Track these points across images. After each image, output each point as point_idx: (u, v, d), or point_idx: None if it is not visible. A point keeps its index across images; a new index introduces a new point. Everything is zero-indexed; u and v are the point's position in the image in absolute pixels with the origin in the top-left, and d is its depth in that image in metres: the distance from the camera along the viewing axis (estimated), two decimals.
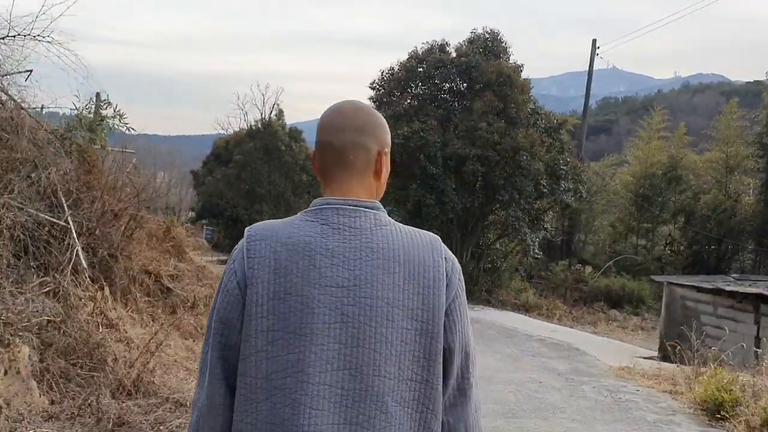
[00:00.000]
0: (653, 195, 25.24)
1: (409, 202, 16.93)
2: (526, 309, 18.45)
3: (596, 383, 7.95)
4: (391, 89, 18.05)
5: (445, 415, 1.27)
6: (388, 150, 1.36)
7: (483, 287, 18.92)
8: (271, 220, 1.32)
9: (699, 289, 11.50)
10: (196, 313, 10.27)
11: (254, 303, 1.21)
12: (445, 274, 1.25)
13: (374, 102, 18.01)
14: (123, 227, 8.50)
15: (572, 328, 16.39)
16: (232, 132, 36.78)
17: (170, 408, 4.94)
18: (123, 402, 4.77)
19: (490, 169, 16.49)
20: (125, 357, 5.40)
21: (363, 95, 23.21)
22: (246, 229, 1.30)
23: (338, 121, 1.33)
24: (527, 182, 16.80)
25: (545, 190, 17.37)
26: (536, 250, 18.84)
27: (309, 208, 1.30)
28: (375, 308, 1.20)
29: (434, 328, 1.22)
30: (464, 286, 1.32)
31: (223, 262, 27.41)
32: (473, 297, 18.56)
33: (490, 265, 19.82)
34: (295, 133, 31.35)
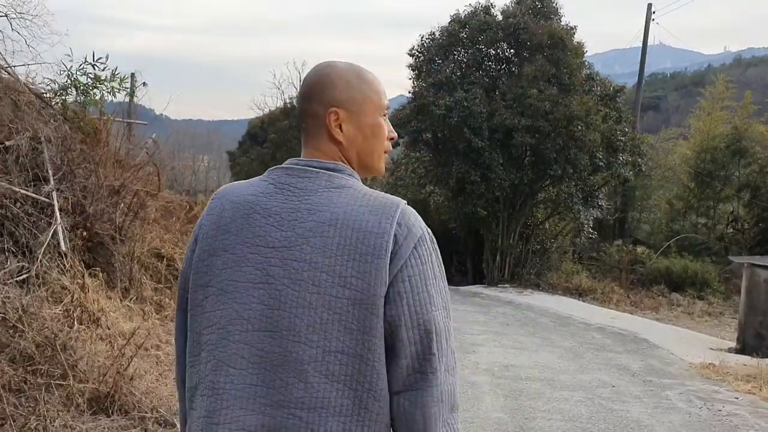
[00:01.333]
0: (715, 169, 23.34)
1: (451, 179, 15.59)
2: (579, 293, 17.03)
3: (682, 387, 6.62)
4: (432, 56, 16.64)
5: (400, 397, 1.17)
6: (341, 108, 1.26)
7: (532, 270, 17.54)
8: (241, 180, 1.31)
9: None
10: None
11: (198, 258, 1.24)
12: (392, 241, 1.16)
13: (413, 70, 16.67)
14: (128, 205, 7.45)
15: (632, 314, 14.94)
16: (268, 111, 35.81)
17: (149, 428, 3.85)
18: (85, 422, 3.68)
19: (541, 141, 15.04)
20: (101, 361, 4.32)
21: (402, 73, 21.88)
22: None
23: (305, 88, 1.30)
24: (582, 155, 15.30)
25: (601, 164, 15.84)
26: (590, 230, 17.36)
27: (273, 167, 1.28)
28: (301, 272, 1.15)
29: (370, 300, 1.14)
30: (430, 256, 1.20)
31: None
32: (521, 280, 17.23)
33: (539, 246, 18.38)
34: None
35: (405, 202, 1.23)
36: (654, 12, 23.64)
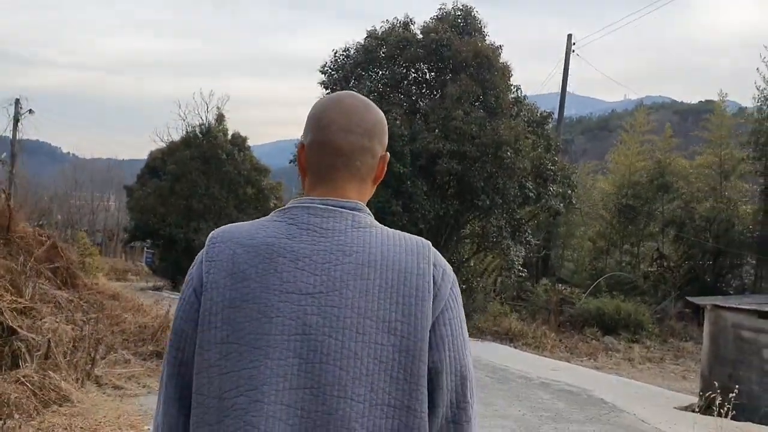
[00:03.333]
0: (639, 205, 22.59)
1: (370, 208, 13.64)
2: (510, 338, 15.36)
3: None
4: (347, 74, 14.86)
5: None
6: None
7: None
8: (239, 222, 1.18)
9: (761, 315, 8.55)
10: (50, 365, 6.94)
11: (208, 311, 1.08)
12: (432, 282, 1.09)
13: (326, 88, 14.79)
14: None
15: (569, 361, 13.37)
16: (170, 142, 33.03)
17: None
18: None
19: (467, 168, 13.42)
20: None
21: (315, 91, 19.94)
22: (210, 233, 1.16)
23: (344, 120, 1.15)
24: (511, 183, 13.80)
25: (531, 194, 14.41)
26: (520, 267, 15.82)
27: (280, 208, 1.16)
28: (343, 319, 1.04)
29: (416, 344, 1.04)
30: (460, 299, 1.16)
31: (159, 289, 23.16)
32: None
33: (464, 286, 16.66)
34: (238, 140, 27.77)
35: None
36: (574, 43, 22.93)
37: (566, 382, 9.77)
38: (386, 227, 1.15)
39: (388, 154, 1.22)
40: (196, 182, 26.31)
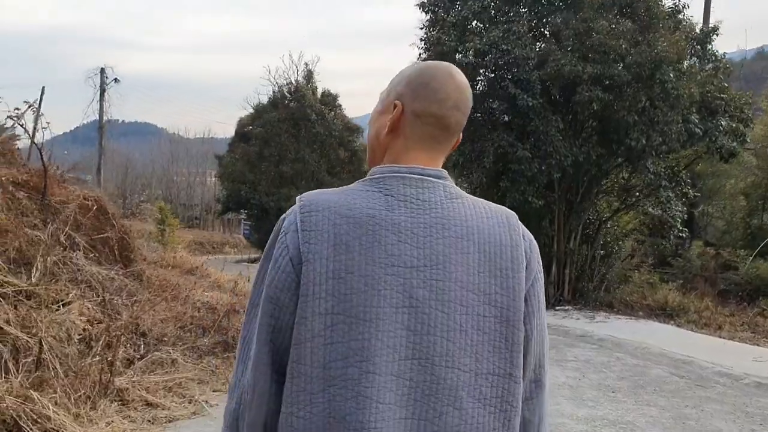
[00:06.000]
0: None
1: (487, 157, 10.76)
2: (667, 314, 12.24)
3: None
4: None
5: (522, 408, 1.14)
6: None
7: (599, 284, 12.76)
8: (325, 189, 1.15)
9: None
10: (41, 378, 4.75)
11: (311, 282, 1.06)
12: (524, 254, 1.13)
13: (426, 11, 11.93)
14: None
15: (759, 345, 10.17)
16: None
17: None
18: None
19: (616, 97, 10.30)
20: None
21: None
22: (297, 198, 1.15)
23: (458, 98, 1.17)
24: (674, 116, 10.55)
25: (698, 130, 11.07)
26: (680, 227, 12.57)
27: (368, 177, 1.15)
28: (448, 292, 1.07)
29: (515, 315, 1.10)
30: (542, 268, 1.19)
31: (255, 261, 21.10)
32: (587, 300, 12.45)
33: (602, 252, 13.59)
34: (328, 98, 25.44)
35: None
36: None
37: None
38: (473, 197, 1.16)
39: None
40: (285, 145, 24.26)
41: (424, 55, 11.66)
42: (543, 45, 10.66)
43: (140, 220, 23.35)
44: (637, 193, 12.72)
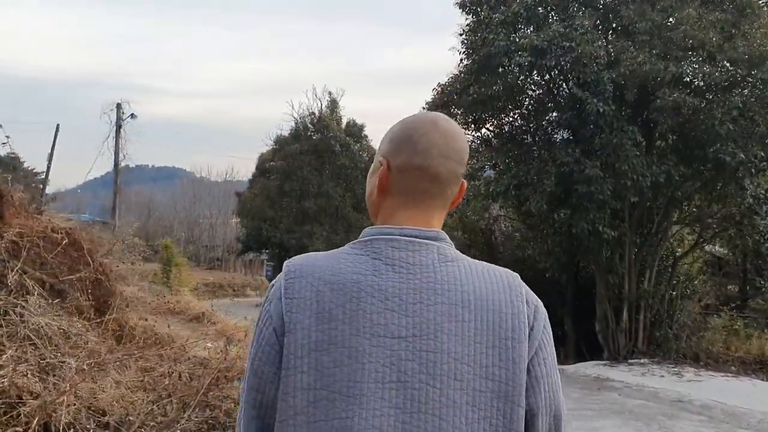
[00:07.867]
0: None
1: (547, 178, 8.85)
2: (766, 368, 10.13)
3: None
4: None
5: None
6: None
7: (680, 332, 10.67)
8: (314, 253, 1.09)
9: None
10: None
11: (292, 354, 1.00)
12: (527, 321, 1.02)
13: (466, 10, 10.23)
14: None
15: None
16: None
17: None
18: None
19: (707, 102, 8.42)
20: None
21: None
22: (285, 263, 1.07)
23: (444, 146, 1.08)
24: None
25: None
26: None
27: (359, 239, 1.08)
28: (440, 365, 0.98)
29: (515, 390, 0.99)
30: (551, 334, 1.07)
31: None
32: (667, 351, 10.36)
33: (673, 292, 11.53)
34: (354, 129, 23.84)
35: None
36: None
37: None
38: (469, 258, 1.06)
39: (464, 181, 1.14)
40: (307, 179, 22.60)
41: (466, 61, 9.93)
42: (615, 39, 8.84)
43: (158, 263, 21.94)
44: (714, 225, 10.71)
